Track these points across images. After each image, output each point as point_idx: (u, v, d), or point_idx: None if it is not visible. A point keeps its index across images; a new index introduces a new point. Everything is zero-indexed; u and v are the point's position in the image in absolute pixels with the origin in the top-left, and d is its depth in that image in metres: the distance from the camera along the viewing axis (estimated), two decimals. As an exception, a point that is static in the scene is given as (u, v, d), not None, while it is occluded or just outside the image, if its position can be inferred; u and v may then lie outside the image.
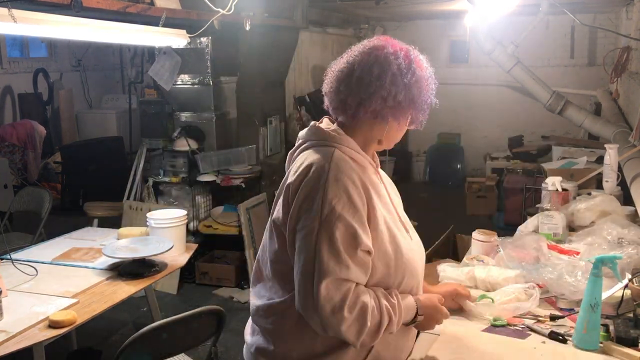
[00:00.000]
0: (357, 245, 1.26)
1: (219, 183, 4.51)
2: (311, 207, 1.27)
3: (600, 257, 1.59)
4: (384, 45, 1.38)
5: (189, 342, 2.09)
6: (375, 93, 1.33)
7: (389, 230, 1.35)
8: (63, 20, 2.78)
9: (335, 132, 1.38)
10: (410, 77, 1.35)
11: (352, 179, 1.30)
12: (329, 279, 1.24)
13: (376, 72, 1.34)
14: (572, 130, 6.78)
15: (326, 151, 1.34)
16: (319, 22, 6.49)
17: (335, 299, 1.24)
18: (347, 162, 1.33)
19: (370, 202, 1.32)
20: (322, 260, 1.25)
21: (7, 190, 5.04)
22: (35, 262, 2.82)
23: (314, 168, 1.31)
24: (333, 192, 1.27)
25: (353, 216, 1.27)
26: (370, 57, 1.36)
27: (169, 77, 4.55)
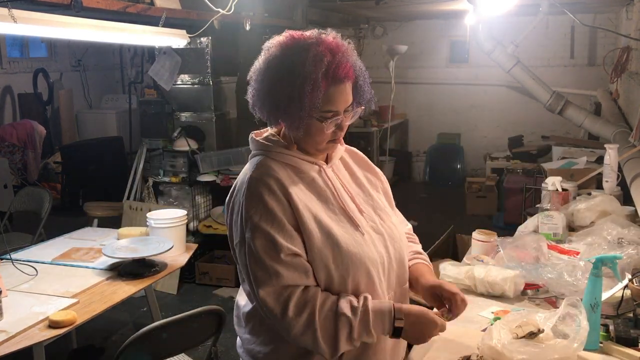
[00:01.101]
0: (279, 250, 1.26)
1: (219, 183, 4.51)
2: (237, 223, 1.31)
3: (600, 257, 1.59)
4: (267, 51, 1.33)
5: (189, 342, 2.09)
6: (261, 105, 1.33)
7: (322, 228, 1.30)
8: (63, 20, 2.78)
9: (265, 139, 1.39)
10: (264, 85, 1.30)
11: (269, 186, 1.29)
12: (265, 289, 1.26)
13: (257, 83, 1.33)
14: (572, 130, 6.78)
15: (253, 162, 1.37)
16: (319, 22, 6.48)
17: (277, 307, 1.25)
18: (268, 168, 1.33)
19: (295, 205, 1.29)
20: (252, 273, 1.28)
21: (7, 190, 5.03)
22: (35, 262, 2.82)
23: (238, 184, 1.35)
24: (249, 204, 1.28)
25: (271, 224, 1.27)
26: (265, 61, 1.33)
27: (169, 77, 4.55)
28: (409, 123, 8.24)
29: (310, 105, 1.26)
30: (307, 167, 1.37)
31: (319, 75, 1.25)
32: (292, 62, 1.26)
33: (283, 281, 1.26)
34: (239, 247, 1.31)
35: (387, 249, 1.39)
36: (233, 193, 1.36)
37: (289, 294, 1.26)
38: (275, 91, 1.29)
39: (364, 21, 7.92)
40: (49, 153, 6.78)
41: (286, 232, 1.28)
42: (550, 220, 2.47)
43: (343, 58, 1.29)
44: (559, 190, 2.83)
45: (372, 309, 1.29)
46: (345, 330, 1.26)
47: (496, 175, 6.65)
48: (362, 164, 1.54)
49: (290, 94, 1.26)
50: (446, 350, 1.58)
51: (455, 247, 3.57)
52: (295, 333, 1.26)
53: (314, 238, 1.29)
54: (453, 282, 2.03)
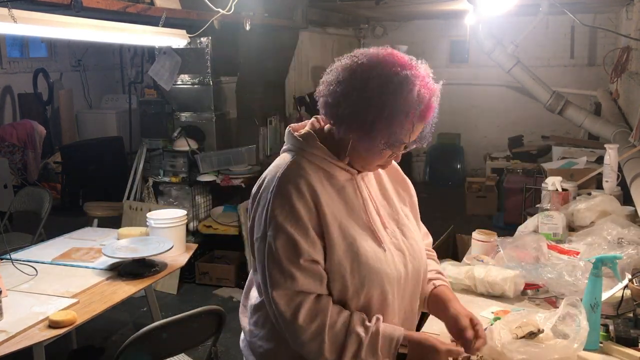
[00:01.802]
0: (299, 254, 1.25)
1: (219, 183, 4.52)
2: (261, 218, 1.30)
3: (600, 257, 1.59)
4: (376, 64, 1.26)
5: (189, 342, 2.09)
6: (338, 102, 1.27)
7: (346, 237, 1.29)
8: (63, 20, 2.78)
9: (303, 137, 1.35)
10: (372, 106, 1.24)
11: (299, 187, 1.27)
12: (279, 291, 1.25)
13: (354, 91, 1.25)
14: (572, 130, 6.78)
15: (286, 158, 1.35)
16: (319, 22, 6.49)
17: (288, 310, 1.25)
18: (301, 168, 1.30)
19: (322, 210, 1.28)
20: (269, 272, 1.27)
21: (7, 190, 5.04)
22: (35, 262, 2.82)
23: (268, 178, 1.33)
24: (277, 203, 1.27)
25: (295, 226, 1.25)
26: (365, 71, 1.26)
27: (169, 77, 4.55)
28: (409, 123, 8.23)
29: (396, 135, 1.26)
30: (339, 174, 1.35)
31: (417, 111, 1.25)
32: (398, 87, 1.23)
33: (297, 286, 1.25)
34: (259, 243, 1.30)
35: (405, 267, 1.38)
36: (261, 187, 1.34)
37: (301, 300, 1.25)
38: (370, 105, 1.24)
39: (364, 21, 7.92)
40: (49, 153, 6.78)
41: (309, 237, 1.27)
42: (550, 220, 2.47)
43: (434, 102, 1.31)
44: (559, 190, 2.83)
45: (382, 331, 1.28)
46: (353, 347, 1.25)
47: (496, 175, 6.65)
48: (393, 175, 1.53)
49: (386, 116, 1.24)
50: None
51: (455, 247, 3.57)
52: (303, 340, 1.26)
53: (336, 247, 1.28)
54: (453, 282, 2.03)
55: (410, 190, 1.55)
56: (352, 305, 1.31)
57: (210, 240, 4.58)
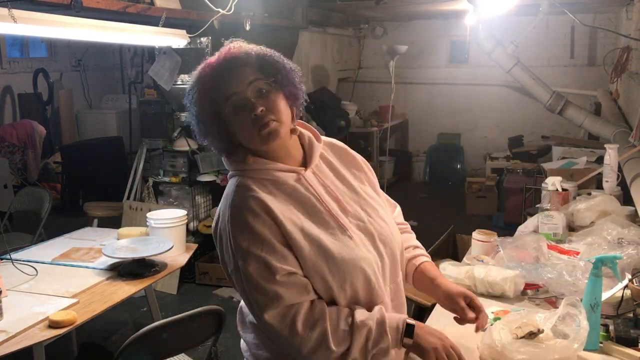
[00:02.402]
0: (274, 273, 1.24)
1: (219, 183, 4.51)
2: (228, 251, 1.29)
3: (600, 257, 1.59)
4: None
5: (189, 342, 2.09)
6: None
7: (312, 240, 1.28)
8: (63, 20, 2.78)
9: (237, 160, 1.36)
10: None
11: (252, 209, 1.27)
12: (269, 312, 1.24)
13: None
14: (572, 130, 6.78)
15: (232, 184, 1.36)
16: (319, 22, 6.49)
17: (285, 328, 1.24)
18: (247, 189, 1.30)
19: (281, 223, 1.27)
20: (253, 298, 1.26)
21: (7, 190, 5.03)
22: (35, 262, 2.82)
23: (222, 211, 1.33)
24: (236, 231, 1.27)
25: (261, 247, 1.25)
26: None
27: (169, 77, 4.55)
28: (409, 123, 8.24)
29: (201, 105, 1.31)
30: (286, 177, 1.33)
31: (199, 96, 1.31)
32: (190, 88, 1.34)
33: (285, 302, 1.24)
34: (234, 275, 1.29)
35: (377, 248, 1.37)
36: (218, 221, 1.33)
37: (294, 313, 1.24)
38: (191, 116, 1.35)
39: (364, 21, 7.92)
40: (49, 153, 6.78)
41: (277, 253, 1.25)
42: (550, 220, 2.47)
43: (223, 51, 1.35)
44: (559, 190, 2.83)
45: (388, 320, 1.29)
46: (361, 341, 1.25)
47: (496, 175, 6.65)
48: (344, 157, 1.48)
49: (194, 97, 1.32)
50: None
51: (455, 247, 3.57)
52: (308, 351, 1.25)
53: (305, 252, 1.27)
54: (453, 282, 2.03)
55: (362, 167, 1.50)
56: (341, 300, 1.30)
57: (210, 240, 4.57)
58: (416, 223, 5.48)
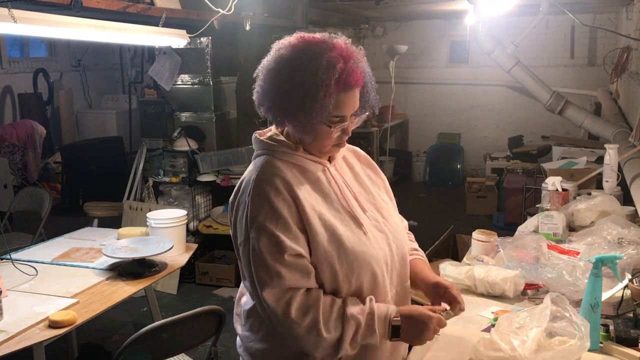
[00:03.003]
0: (283, 251, 1.26)
1: (219, 183, 4.52)
2: (241, 222, 1.31)
3: (600, 257, 1.59)
4: (285, 53, 1.31)
5: (189, 342, 2.09)
6: (268, 107, 1.32)
7: (327, 228, 1.31)
8: (63, 20, 2.78)
9: (270, 139, 1.38)
10: (279, 88, 1.28)
11: (275, 186, 1.29)
12: (267, 290, 1.26)
13: (270, 85, 1.30)
14: (572, 130, 6.78)
15: (258, 162, 1.36)
16: (319, 22, 6.49)
17: (279, 308, 1.26)
18: (275, 168, 1.33)
19: (301, 205, 1.29)
20: (255, 273, 1.28)
21: (7, 190, 5.03)
22: (35, 262, 2.82)
23: (244, 183, 1.35)
24: (255, 204, 1.28)
25: (276, 224, 1.27)
26: (275, 61, 1.31)
27: (169, 77, 4.55)
28: (409, 123, 8.24)
29: (321, 111, 1.26)
30: (312, 167, 1.38)
31: (331, 82, 1.25)
32: (305, 67, 1.26)
33: (284, 283, 1.26)
34: (242, 246, 1.32)
35: (390, 248, 1.41)
36: (238, 193, 1.35)
37: (290, 296, 1.26)
38: (285, 94, 1.28)
39: (364, 21, 7.92)
40: (49, 153, 6.78)
41: (291, 232, 1.28)
42: (550, 220, 2.47)
43: (354, 65, 1.30)
44: (559, 190, 2.83)
45: (377, 311, 1.30)
46: (350, 332, 1.27)
47: (496, 175, 6.65)
48: (364, 162, 1.55)
49: (301, 98, 1.25)
50: (446, 350, 1.58)
51: (455, 247, 3.57)
52: (298, 335, 1.26)
53: (319, 237, 1.30)
54: (453, 282, 2.03)
55: (381, 174, 1.57)
56: (344, 291, 1.32)
57: (210, 240, 4.58)
58: (416, 223, 5.48)
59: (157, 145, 4.86)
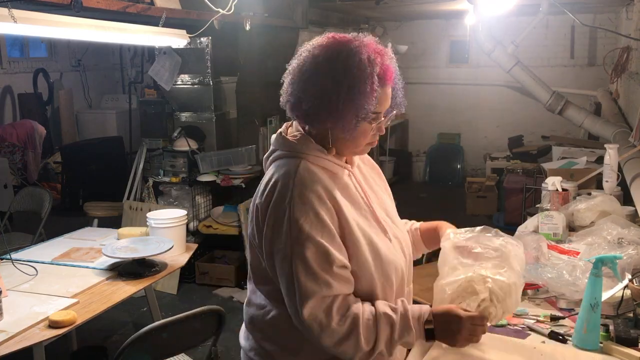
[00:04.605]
0: (332, 262, 1.24)
1: (219, 183, 4.51)
2: (281, 229, 1.25)
3: (600, 257, 1.59)
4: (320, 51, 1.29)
5: (189, 342, 2.09)
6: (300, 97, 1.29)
7: (365, 236, 1.31)
8: (63, 20, 2.78)
9: (300, 141, 1.33)
10: (333, 85, 1.25)
11: (318, 194, 1.26)
12: (312, 300, 1.23)
13: (308, 83, 1.28)
14: (572, 130, 6.78)
15: (291, 164, 1.30)
16: (319, 22, 6.48)
17: (320, 315, 1.24)
18: (313, 174, 1.29)
19: (341, 213, 1.28)
20: (301, 283, 1.24)
21: (7, 190, 5.04)
22: (35, 262, 2.82)
23: (279, 187, 1.27)
24: (299, 212, 1.24)
25: (322, 234, 1.24)
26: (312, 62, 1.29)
27: (169, 77, 4.55)
28: (409, 123, 8.23)
29: (367, 105, 1.25)
30: (340, 172, 1.36)
31: (374, 76, 1.25)
32: (347, 63, 1.25)
33: (333, 291, 1.25)
34: (280, 255, 1.26)
35: (404, 253, 1.43)
36: (270, 196, 1.28)
37: (331, 302, 1.25)
38: (329, 93, 1.25)
39: (364, 21, 7.92)
40: (49, 153, 6.78)
41: (336, 243, 1.26)
42: (550, 220, 2.47)
43: (388, 61, 1.31)
44: (559, 190, 2.83)
45: (411, 310, 1.31)
46: (386, 332, 1.27)
47: (496, 175, 6.65)
48: (368, 164, 1.54)
49: (347, 95, 1.24)
50: (446, 350, 1.58)
51: (455, 247, 3.56)
52: (338, 340, 1.25)
53: (361, 247, 1.29)
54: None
55: (382, 175, 1.57)
56: (380, 297, 1.33)
57: (210, 240, 4.58)
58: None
59: (157, 145, 4.86)
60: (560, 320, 1.75)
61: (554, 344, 1.62)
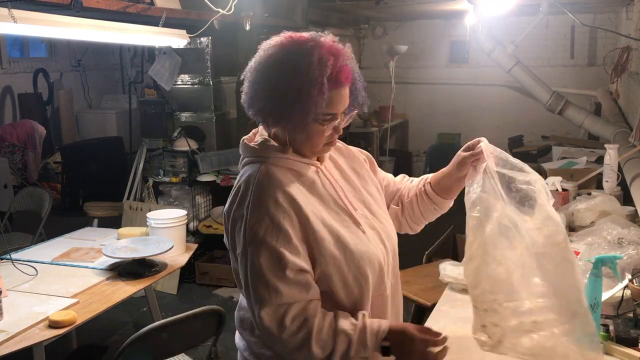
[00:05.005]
0: (284, 267, 1.23)
1: (219, 183, 4.51)
2: (239, 234, 1.27)
3: (600, 257, 1.59)
4: (273, 52, 1.30)
5: (189, 342, 2.09)
6: (259, 109, 1.32)
7: (332, 232, 1.30)
8: (63, 20, 2.79)
9: (260, 146, 1.35)
10: (269, 88, 1.28)
11: (275, 198, 1.26)
12: (264, 307, 1.23)
13: (261, 85, 1.30)
14: (572, 130, 6.78)
15: (253, 169, 1.32)
16: (319, 22, 6.49)
17: (272, 325, 1.24)
18: (271, 178, 1.29)
19: (301, 214, 1.27)
20: (254, 288, 1.25)
21: (7, 190, 5.04)
22: (35, 262, 2.82)
23: (241, 192, 1.29)
24: (255, 217, 1.25)
25: (277, 238, 1.24)
26: (265, 62, 1.30)
27: (169, 77, 4.55)
28: (409, 123, 8.24)
29: (315, 108, 1.25)
30: (305, 169, 1.36)
31: (324, 79, 1.24)
32: (297, 64, 1.25)
33: (282, 299, 1.24)
34: (240, 259, 1.28)
35: (384, 244, 1.40)
36: (233, 203, 1.30)
37: (284, 311, 1.24)
38: (277, 94, 1.26)
39: (364, 21, 7.92)
40: (49, 153, 6.78)
41: (292, 246, 1.25)
42: (550, 220, 2.46)
43: (344, 62, 1.29)
44: (559, 190, 2.83)
45: (369, 326, 1.27)
46: (342, 347, 1.24)
47: (496, 175, 6.63)
48: (346, 155, 1.51)
49: (294, 97, 1.24)
50: (446, 350, 1.58)
51: (455, 247, 3.56)
52: (291, 349, 1.25)
53: (325, 243, 1.28)
54: (453, 282, 2.03)
55: (363, 164, 1.53)
56: (355, 292, 1.32)
57: (210, 240, 4.58)
58: (416, 223, 5.47)
59: (157, 145, 4.86)
60: (560, 320, 1.75)
61: (554, 344, 1.61)
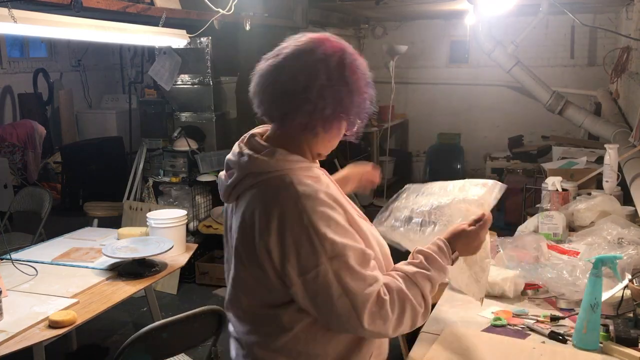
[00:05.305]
0: (369, 258, 1.23)
1: (219, 183, 4.51)
2: (309, 251, 1.18)
3: (600, 257, 1.59)
4: (313, 49, 1.25)
5: (189, 342, 2.09)
6: (301, 106, 1.23)
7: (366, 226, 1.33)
8: (63, 20, 2.79)
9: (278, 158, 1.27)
10: (341, 87, 1.24)
11: (326, 201, 1.22)
12: (370, 302, 1.19)
13: (302, 83, 1.23)
14: (572, 130, 6.78)
15: (281, 185, 1.23)
16: (319, 22, 6.49)
17: (376, 316, 1.21)
18: (308, 184, 1.23)
19: (346, 211, 1.27)
20: (354, 292, 1.18)
21: (7, 190, 5.04)
22: (35, 262, 2.82)
23: (287, 214, 1.19)
24: (321, 225, 1.18)
25: (349, 236, 1.22)
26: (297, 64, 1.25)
27: (169, 77, 4.55)
28: (409, 123, 8.23)
29: (362, 110, 1.29)
30: (319, 173, 1.35)
31: (369, 80, 1.30)
32: (351, 67, 1.27)
33: (380, 282, 1.23)
34: (317, 276, 1.18)
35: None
36: (281, 226, 1.19)
37: (376, 297, 1.21)
38: (331, 91, 1.23)
39: (364, 21, 7.92)
40: (49, 153, 6.78)
41: (358, 239, 1.25)
42: (550, 220, 2.47)
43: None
44: (559, 190, 2.83)
45: (431, 250, 1.33)
46: (427, 286, 1.28)
47: (496, 175, 6.64)
48: None
49: (355, 98, 1.26)
50: (446, 350, 1.58)
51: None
52: (399, 322, 1.24)
53: (370, 238, 1.31)
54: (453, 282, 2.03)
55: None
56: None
57: (210, 240, 4.57)
58: (416, 223, 5.47)
59: (157, 145, 4.86)
60: (560, 321, 1.75)
61: (554, 344, 1.62)
